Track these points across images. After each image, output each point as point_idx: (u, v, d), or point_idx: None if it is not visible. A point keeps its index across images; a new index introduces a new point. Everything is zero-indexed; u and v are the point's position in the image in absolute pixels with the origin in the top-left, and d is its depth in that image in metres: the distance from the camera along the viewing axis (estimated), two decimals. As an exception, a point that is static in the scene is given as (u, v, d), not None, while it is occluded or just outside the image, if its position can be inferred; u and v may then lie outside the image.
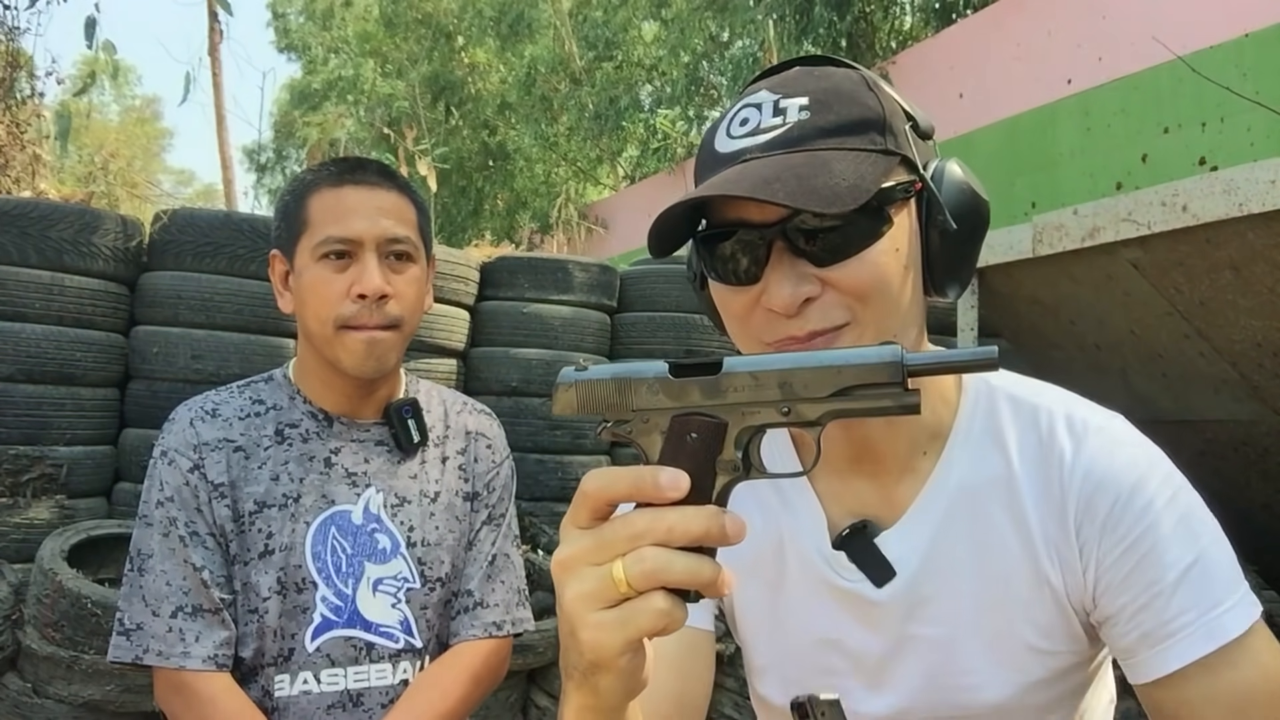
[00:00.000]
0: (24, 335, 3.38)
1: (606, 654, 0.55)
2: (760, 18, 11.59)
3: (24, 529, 3.28)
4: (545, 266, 4.38)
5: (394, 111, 15.61)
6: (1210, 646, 0.71)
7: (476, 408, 1.43)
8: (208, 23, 7.49)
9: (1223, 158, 6.22)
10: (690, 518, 0.54)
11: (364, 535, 1.26)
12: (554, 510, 4.11)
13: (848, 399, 0.58)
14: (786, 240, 0.73)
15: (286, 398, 1.30)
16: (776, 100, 0.75)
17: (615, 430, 0.61)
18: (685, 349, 4.43)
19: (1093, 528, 0.76)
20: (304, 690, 1.22)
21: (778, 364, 0.59)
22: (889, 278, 0.74)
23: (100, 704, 2.83)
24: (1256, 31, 6.33)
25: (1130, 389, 2.72)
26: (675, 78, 14.60)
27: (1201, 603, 0.72)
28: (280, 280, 1.28)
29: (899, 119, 0.77)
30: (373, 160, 1.30)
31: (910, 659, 0.82)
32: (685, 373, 0.60)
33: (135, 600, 1.20)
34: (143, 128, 27.87)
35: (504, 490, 1.40)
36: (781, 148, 0.73)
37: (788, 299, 0.72)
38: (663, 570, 0.53)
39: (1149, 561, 0.74)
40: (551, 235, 11.82)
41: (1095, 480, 0.77)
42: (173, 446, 1.23)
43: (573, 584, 0.56)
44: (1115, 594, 0.75)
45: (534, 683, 3.54)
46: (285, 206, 1.26)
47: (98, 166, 5.58)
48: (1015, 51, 8.30)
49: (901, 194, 0.75)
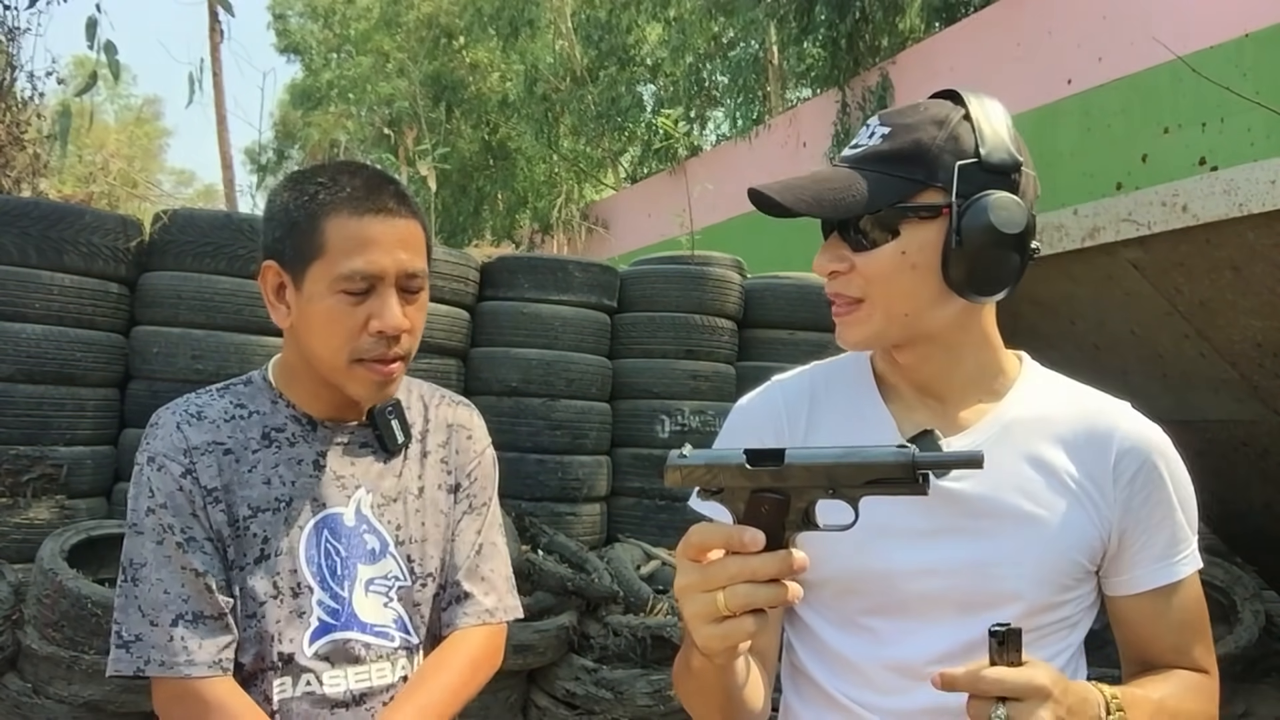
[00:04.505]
0: (24, 335, 3.38)
1: (713, 652, 0.84)
2: (761, 18, 11.58)
3: (24, 529, 3.28)
4: (545, 266, 4.38)
5: (395, 111, 15.61)
6: (1170, 579, 1.03)
7: (454, 399, 1.41)
8: (208, 23, 7.49)
9: (1223, 158, 6.22)
10: (768, 562, 0.81)
11: (355, 537, 1.26)
12: (554, 510, 4.11)
13: (875, 486, 0.83)
14: (840, 227, 1.02)
15: (269, 402, 1.28)
16: (876, 126, 1.03)
17: (710, 496, 0.85)
18: (685, 349, 4.43)
19: (1126, 474, 1.03)
20: (307, 692, 1.22)
21: (825, 458, 0.83)
22: (891, 273, 0.99)
23: (100, 704, 2.83)
24: (1256, 31, 6.33)
25: (1130, 389, 2.72)
26: (678, 78, 14.61)
27: (1181, 544, 1.04)
28: (273, 292, 1.24)
29: (953, 155, 0.98)
30: (388, 181, 1.26)
31: (956, 542, 1.02)
32: (759, 462, 0.83)
33: (131, 611, 1.18)
34: (143, 128, 27.87)
35: (486, 479, 1.39)
36: (847, 163, 1.02)
37: (823, 266, 1.03)
38: (751, 600, 0.80)
39: (1159, 513, 1.03)
40: (552, 235, 11.82)
41: (1133, 440, 1.04)
42: (161, 451, 1.20)
43: (689, 605, 0.83)
44: (1131, 527, 1.03)
45: (534, 683, 3.54)
46: (294, 223, 1.21)
47: (98, 166, 5.59)
48: (1015, 51, 8.30)
49: (919, 214, 0.99)
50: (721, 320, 4.52)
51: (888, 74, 9.75)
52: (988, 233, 0.97)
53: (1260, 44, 6.32)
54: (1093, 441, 1.04)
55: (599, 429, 4.29)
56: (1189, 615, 1.05)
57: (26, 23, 6.09)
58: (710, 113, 15.81)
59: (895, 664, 1.03)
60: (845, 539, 0.87)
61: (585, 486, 4.20)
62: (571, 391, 4.20)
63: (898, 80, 9.58)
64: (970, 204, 0.98)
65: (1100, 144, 7.44)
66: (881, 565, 1.02)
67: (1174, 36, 5.70)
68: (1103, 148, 7.40)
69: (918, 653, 1.02)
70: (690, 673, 0.97)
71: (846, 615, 1.06)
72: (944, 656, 1.00)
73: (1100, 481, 1.03)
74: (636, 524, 4.33)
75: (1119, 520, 1.03)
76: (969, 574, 1.01)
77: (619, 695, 3.30)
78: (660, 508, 4.29)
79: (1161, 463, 1.04)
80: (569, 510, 4.15)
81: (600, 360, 4.35)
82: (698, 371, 4.41)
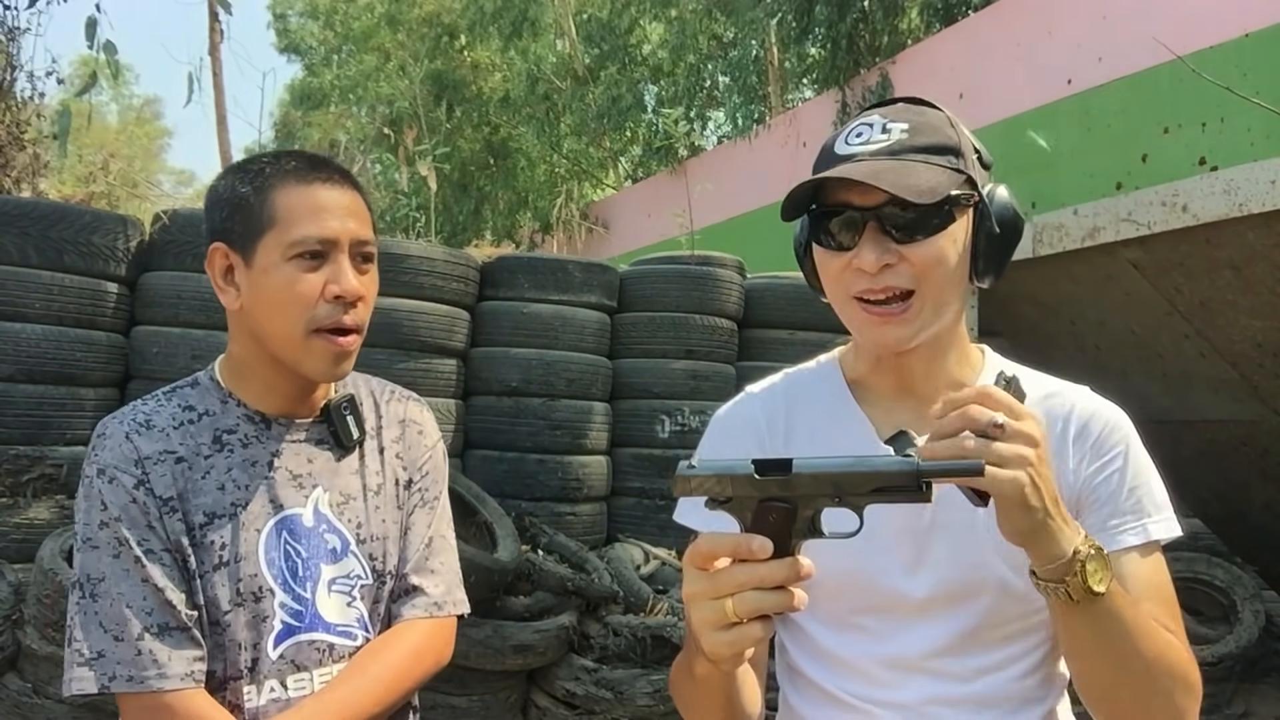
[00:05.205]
0: (24, 335, 3.38)
1: (721, 658, 0.85)
2: (761, 17, 11.59)
3: (24, 529, 3.28)
4: (545, 266, 4.38)
5: (395, 111, 15.61)
6: (1138, 540, 1.02)
7: (404, 394, 1.40)
8: (208, 23, 7.49)
9: (1223, 158, 6.22)
10: (776, 569, 0.82)
11: (315, 537, 1.24)
12: (554, 510, 4.11)
13: (881, 494, 0.85)
14: (879, 220, 1.00)
15: (218, 402, 1.25)
16: (885, 123, 1.04)
17: (718, 505, 0.86)
18: (685, 349, 4.43)
19: (1084, 445, 1.05)
20: (272, 699, 1.19)
21: (832, 467, 0.85)
22: (946, 260, 1.01)
23: (100, 704, 2.83)
24: (1256, 31, 6.33)
25: (1130, 389, 2.72)
26: (678, 78, 14.61)
27: (1139, 513, 1.03)
28: (221, 275, 1.23)
29: (969, 151, 1.04)
30: (329, 158, 1.28)
31: (938, 538, 1.04)
32: (767, 472, 0.84)
33: (92, 628, 1.13)
34: (143, 128, 27.87)
35: (436, 473, 1.37)
36: (885, 155, 1.01)
37: (874, 261, 0.99)
38: (759, 606, 0.82)
39: (1119, 476, 1.04)
40: (552, 235, 11.82)
41: (1089, 413, 1.07)
42: (110, 464, 1.17)
43: (697, 611, 0.84)
44: (1094, 494, 1.04)
45: (534, 683, 3.54)
46: (240, 201, 1.20)
47: (98, 166, 5.58)
48: (1015, 51, 8.30)
49: (964, 202, 1.02)
50: (721, 320, 4.52)
51: (888, 74, 9.75)
52: (1012, 220, 1.04)
53: (1260, 44, 6.32)
54: (1053, 422, 1.06)
55: (599, 429, 4.29)
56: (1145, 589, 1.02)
57: (26, 23, 6.10)
58: (711, 113, 15.81)
59: (890, 659, 1.05)
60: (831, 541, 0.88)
61: (585, 486, 4.20)
62: (571, 391, 4.20)
63: (898, 80, 9.57)
64: (990, 195, 1.04)
65: (1100, 144, 7.44)
66: (869, 565, 1.04)
67: (1174, 36, 5.69)
68: (1103, 148, 7.40)
69: (911, 647, 1.04)
70: (693, 680, 0.98)
71: (838, 615, 1.08)
72: (938, 649, 1.03)
73: (1061, 462, 1.05)
74: (636, 524, 4.33)
75: (1077, 493, 1.04)
76: (953, 568, 1.04)
77: (619, 695, 3.30)
78: (660, 508, 4.29)
79: (1115, 436, 1.05)
80: (569, 510, 4.15)
81: (600, 360, 4.34)
82: (698, 371, 4.41)
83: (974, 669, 1.04)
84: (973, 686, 1.03)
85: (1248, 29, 6.36)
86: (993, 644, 1.04)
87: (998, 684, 1.04)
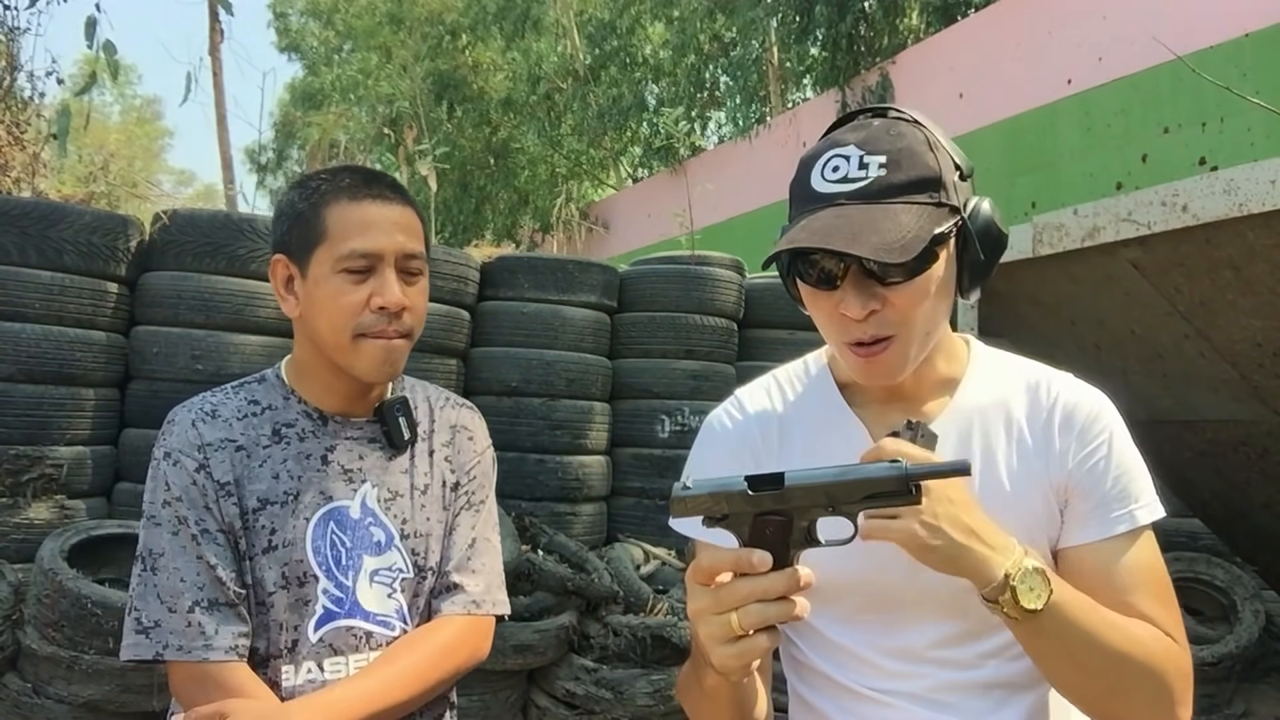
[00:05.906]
0: (24, 335, 3.38)
1: (729, 670, 0.88)
2: (761, 17, 11.59)
3: (24, 529, 3.28)
4: (545, 266, 4.38)
5: (395, 110, 15.60)
6: (1127, 527, 1.04)
7: (458, 402, 1.48)
8: (208, 22, 7.48)
9: (1223, 158, 6.22)
10: (777, 580, 0.85)
11: (361, 529, 1.31)
12: (554, 510, 4.11)
13: (872, 500, 0.87)
14: (860, 265, 0.99)
15: (281, 398, 1.34)
16: (861, 156, 1.00)
17: (715, 523, 0.89)
18: (685, 349, 4.43)
19: (1070, 434, 1.07)
20: (309, 679, 1.26)
21: (823, 478, 0.87)
22: (930, 294, 1.01)
23: (100, 704, 2.83)
24: (1256, 31, 6.33)
25: (1130, 389, 2.72)
26: (679, 78, 14.61)
27: (1126, 500, 1.04)
28: (283, 284, 1.32)
29: (949, 171, 1.02)
30: (384, 174, 1.35)
31: None
32: (759, 487, 0.87)
33: (150, 598, 1.23)
34: (143, 128, 27.86)
35: (484, 477, 1.44)
36: (863, 199, 0.99)
37: (859, 309, 0.99)
38: (764, 617, 0.85)
39: (1104, 464, 1.05)
40: (552, 235, 11.82)
41: (1073, 403, 1.08)
42: (176, 448, 1.27)
43: (704, 627, 0.87)
44: (1081, 483, 1.05)
45: (534, 683, 3.54)
46: (297, 214, 1.29)
47: (98, 166, 5.57)
48: (1015, 51, 8.30)
49: (948, 236, 1.01)
50: (721, 320, 4.52)
51: (888, 74, 9.75)
52: (993, 235, 1.05)
53: (1260, 44, 6.32)
54: (1039, 413, 1.09)
55: (599, 429, 4.29)
56: (1135, 575, 1.03)
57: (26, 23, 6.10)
58: (712, 113, 15.81)
59: (899, 650, 1.08)
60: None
61: (585, 486, 4.20)
62: (571, 391, 4.20)
63: (898, 80, 9.57)
64: (973, 213, 1.04)
65: (1100, 144, 7.44)
66: (871, 564, 1.05)
67: (1174, 36, 5.70)
68: (1103, 148, 7.41)
69: (918, 639, 1.07)
70: (702, 692, 1.01)
71: (844, 613, 1.10)
72: (945, 639, 1.06)
73: (1048, 452, 1.07)
74: (636, 524, 4.33)
75: (1065, 482, 1.06)
76: None
77: (619, 695, 3.30)
78: (660, 508, 4.29)
79: (1099, 425, 1.07)
80: (569, 510, 4.15)
81: (600, 360, 4.34)
82: (698, 371, 4.41)
83: (980, 654, 1.06)
84: (980, 672, 1.06)
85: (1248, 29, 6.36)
86: (997, 631, 1.05)
87: (1003, 667, 1.06)
